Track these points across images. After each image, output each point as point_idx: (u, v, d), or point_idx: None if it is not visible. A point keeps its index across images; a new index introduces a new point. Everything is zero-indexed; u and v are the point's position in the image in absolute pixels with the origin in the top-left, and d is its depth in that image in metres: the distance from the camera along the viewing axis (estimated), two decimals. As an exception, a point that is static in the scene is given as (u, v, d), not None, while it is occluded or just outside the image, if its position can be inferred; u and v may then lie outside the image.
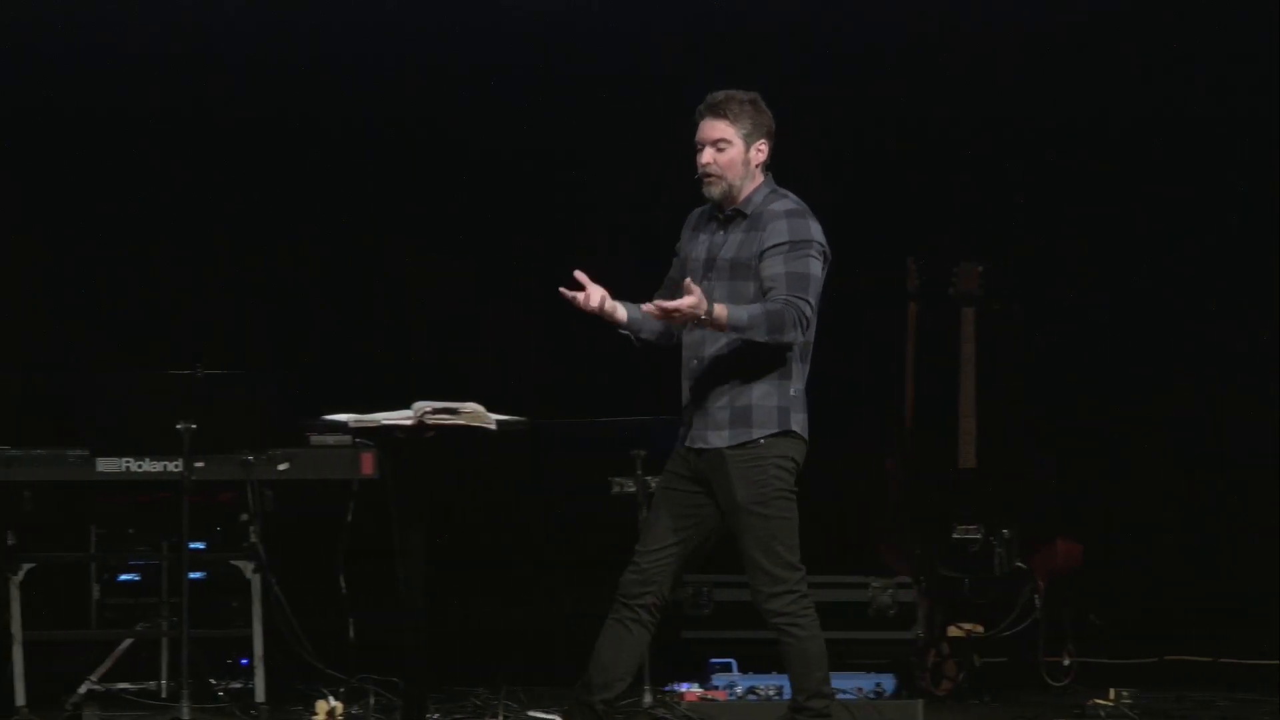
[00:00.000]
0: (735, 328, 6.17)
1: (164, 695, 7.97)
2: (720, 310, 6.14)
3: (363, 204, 9.46)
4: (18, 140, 9.17)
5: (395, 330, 9.10)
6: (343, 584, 7.79)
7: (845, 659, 8.04)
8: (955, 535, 8.49)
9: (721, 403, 6.30)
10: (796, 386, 6.33)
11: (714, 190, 6.37)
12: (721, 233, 6.39)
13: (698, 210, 6.53)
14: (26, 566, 7.73)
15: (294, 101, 9.35)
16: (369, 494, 7.70)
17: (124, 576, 8.14)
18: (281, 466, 7.75)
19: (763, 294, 6.27)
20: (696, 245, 6.44)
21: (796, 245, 6.29)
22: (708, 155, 6.36)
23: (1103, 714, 7.89)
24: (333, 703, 7.60)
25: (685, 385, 6.39)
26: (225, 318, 9.21)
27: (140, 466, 7.66)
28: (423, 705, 6.86)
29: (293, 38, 9.27)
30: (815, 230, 6.33)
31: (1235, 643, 9.10)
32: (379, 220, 9.42)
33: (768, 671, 7.84)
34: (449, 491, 7.33)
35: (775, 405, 6.31)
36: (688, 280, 6.18)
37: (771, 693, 7.75)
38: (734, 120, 6.37)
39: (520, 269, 9.28)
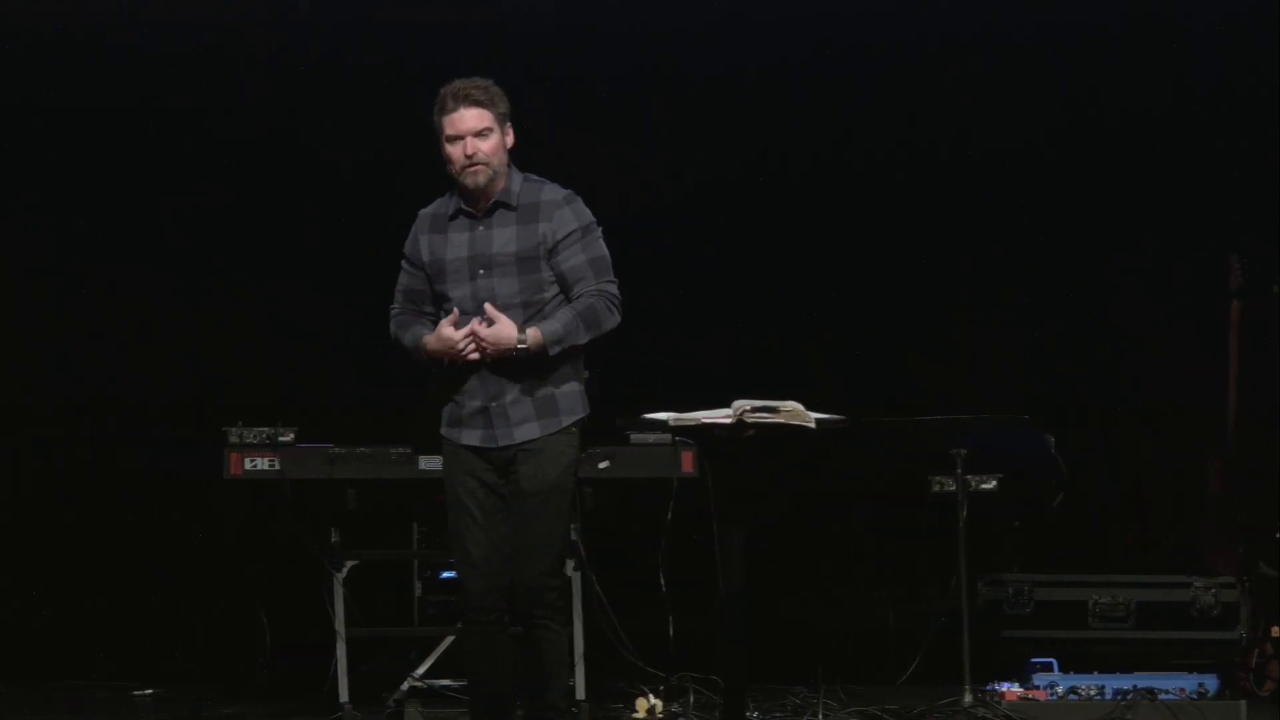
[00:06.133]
0: (555, 343, 6.14)
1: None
2: (534, 334, 6.11)
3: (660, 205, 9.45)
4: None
5: (713, 327, 9.12)
6: (663, 582, 7.82)
7: (1168, 659, 7.97)
8: (1279, 534, 8.34)
9: (522, 397, 6.20)
10: (585, 370, 6.32)
11: (480, 179, 6.23)
12: (483, 228, 6.26)
13: (428, 211, 6.41)
14: (350, 564, 7.86)
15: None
16: (689, 492, 7.74)
17: (446, 574, 8.20)
18: (602, 465, 7.84)
19: (565, 285, 6.21)
20: (450, 246, 6.30)
21: (587, 230, 6.27)
22: (472, 144, 6.21)
23: None
24: (653, 700, 7.67)
25: (465, 385, 6.24)
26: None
27: (461, 465, 7.81)
28: (742, 703, 6.80)
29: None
30: (589, 211, 6.29)
31: None
32: (698, 221, 9.43)
33: (1089, 671, 7.81)
34: (768, 489, 7.35)
35: (577, 390, 6.29)
36: (489, 307, 6.10)
37: (1093, 693, 7.70)
38: (490, 108, 6.26)
39: (849, 268, 9.30)
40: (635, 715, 7.66)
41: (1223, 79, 9.20)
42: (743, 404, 6.51)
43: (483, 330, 6.12)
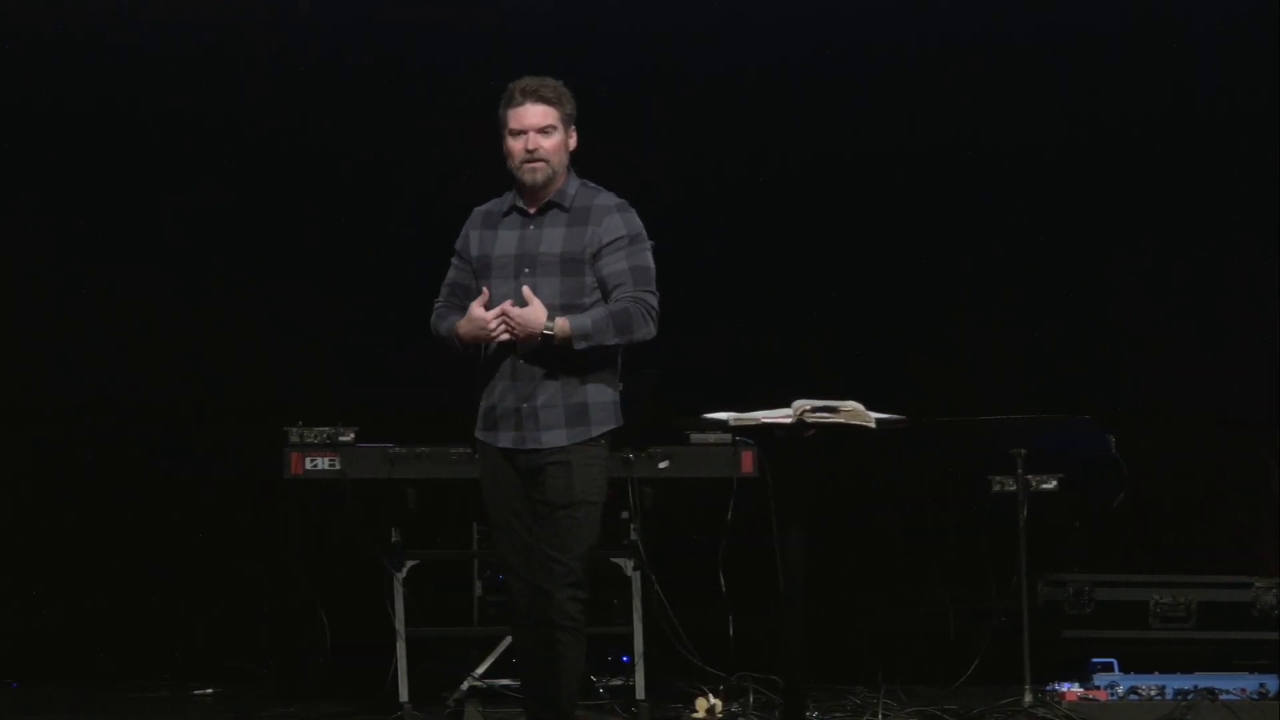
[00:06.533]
0: (582, 337, 6.07)
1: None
2: (562, 323, 6.05)
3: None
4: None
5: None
6: (722, 581, 7.85)
7: (1229, 660, 7.98)
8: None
9: (553, 401, 6.16)
10: (620, 382, 6.27)
11: (539, 176, 6.21)
12: (533, 227, 6.24)
13: (484, 207, 6.39)
14: (410, 564, 7.85)
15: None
16: (749, 491, 7.76)
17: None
18: (662, 464, 7.86)
19: (605, 291, 6.16)
20: (498, 242, 6.27)
21: (634, 239, 6.22)
22: (534, 140, 6.19)
23: None
24: (712, 700, 7.68)
25: (499, 384, 6.22)
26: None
27: (522, 464, 7.80)
28: (802, 703, 6.82)
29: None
30: (640, 222, 6.27)
31: None
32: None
33: (1150, 671, 7.82)
34: (828, 489, 7.34)
35: (610, 401, 6.25)
36: (526, 289, 6.08)
37: (1154, 693, 7.69)
38: (556, 106, 6.25)
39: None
40: (695, 715, 7.68)
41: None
42: (803, 404, 6.51)
43: (514, 311, 6.08)
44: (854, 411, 6.45)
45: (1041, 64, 9.27)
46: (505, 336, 6.12)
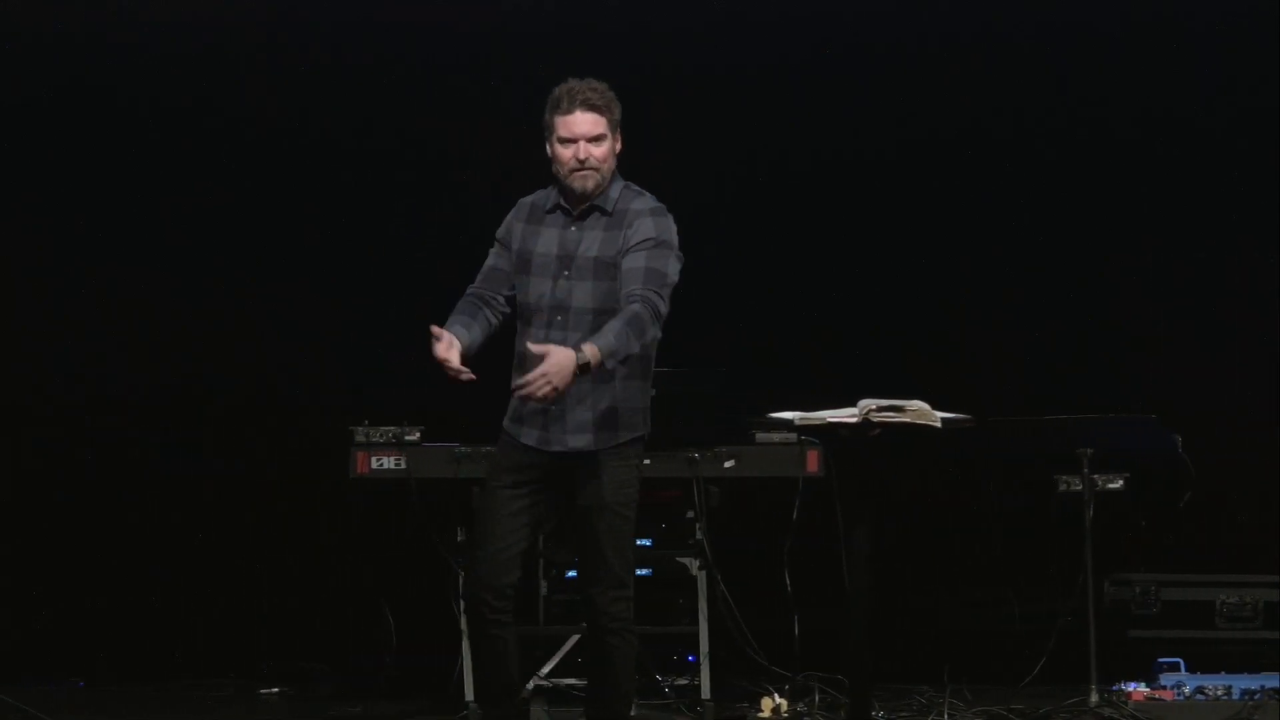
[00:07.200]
0: (613, 357, 5.94)
1: (610, 691, 8.11)
2: (590, 350, 5.89)
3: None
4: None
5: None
6: (788, 581, 7.87)
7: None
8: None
9: (582, 404, 6.12)
10: (652, 388, 6.23)
11: (589, 184, 6.17)
12: (575, 228, 6.20)
13: (529, 200, 6.33)
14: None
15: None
16: (814, 491, 7.77)
17: (571, 573, 8.15)
18: (727, 464, 7.85)
19: (619, 288, 6.10)
20: (540, 239, 6.22)
21: (660, 244, 6.16)
22: (585, 149, 6.15)
23: None
24: (778, 699, 7.69)
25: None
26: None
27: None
28: (867, 702, 6.86)
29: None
30: (675, 231, 6.20)
31: None
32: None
33: (1216, 671, 7.82)
34: (894, 489, 7.32)
35: (640, 407, 6.20)
36: (530, 346, 5.92)
37: (1220, 693, 7.68)
38: (606, 113, 6.22)
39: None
40: (760, 714, 7.69)
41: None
42: (868, 403, 6.52)
43: (543, 378, 5.85)
44: (920, 411, 6.45)
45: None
46: (551, 394, 5.90)
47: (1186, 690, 7.73)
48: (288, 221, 9.25)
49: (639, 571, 7.53)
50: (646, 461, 7.41)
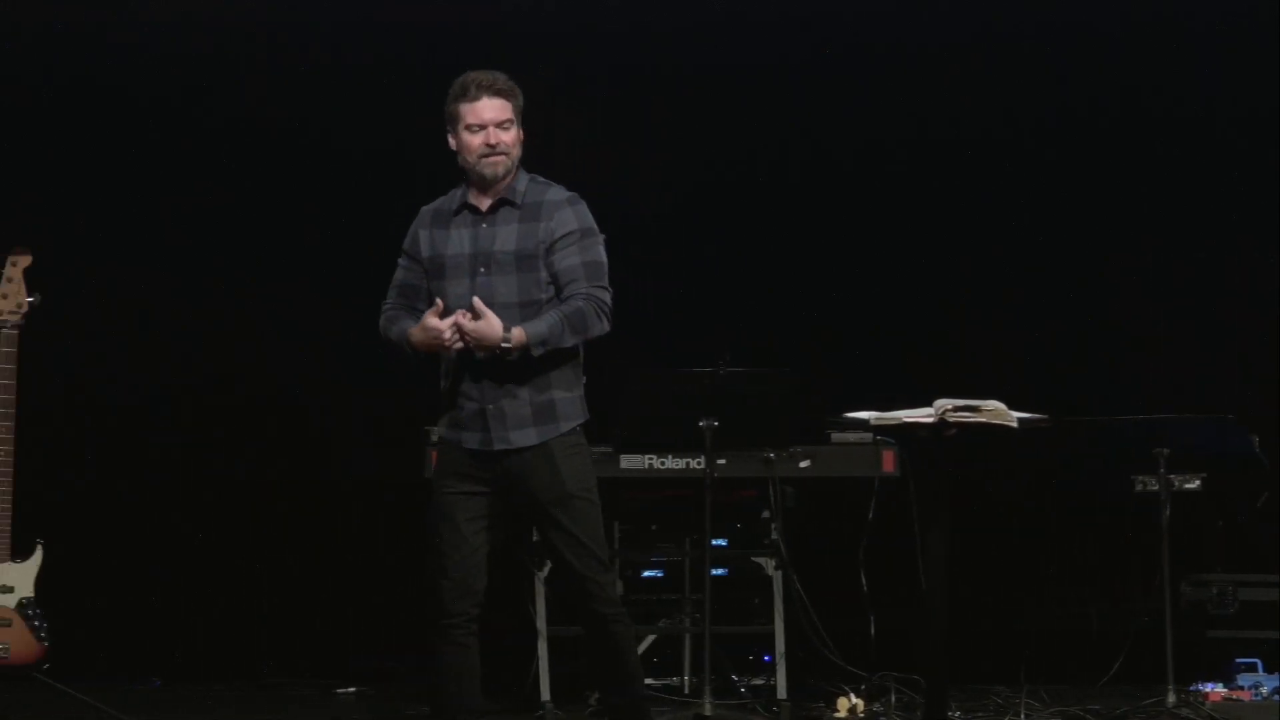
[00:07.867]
0: (541, 343, 6.04)
1: (686, 691, 8.11)
2: (518, 333, 6.00)
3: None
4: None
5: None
6: (864, 581, 7.86)
7: None
8: None
9: (519, 401, 6.13)
10: (583, 377, 6.26)
11: (499, 169, 6.18)
12: (485, 225, 6.21)
13: (430, 207, 6.36)
14: (551, 563, 7.68)
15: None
16: (890, 491, 7.76)
17: (647, 573, 8.22)
18: (803, 464, 7.84)
19: (558, 286, 6.14)
20: (450, 242, 6.24)
21: (586, 234, 6.20)
22: (494, 134, 6.17)
23: None
24: (854, 699, 7.68)
25: (463, 386, 6.18)
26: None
27: (663, 463, 7.78)
28: (944, 703, 6.88)
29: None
30: (591, 216, 6.24)
31: None
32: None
33: None
34: (970, 488, 7.30)
35: (576, 396, 6.23)
36: (477, 301, 6.02)
37: None
38: (512, 99, 6.22)
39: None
40: (837, 714, 7.68)
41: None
42: (944, 403, 6.53)
43: (467, 323, 6.04)
44: (996, 411, 6.45)
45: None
46: (459, 345, 6.08)
47: (1264, 691, 7.73)
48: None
49: (715, 571, 7.62)
50: (721, 461, 7.47)
